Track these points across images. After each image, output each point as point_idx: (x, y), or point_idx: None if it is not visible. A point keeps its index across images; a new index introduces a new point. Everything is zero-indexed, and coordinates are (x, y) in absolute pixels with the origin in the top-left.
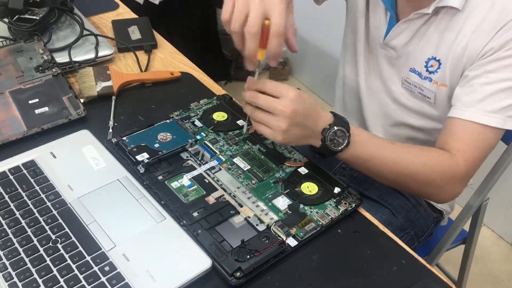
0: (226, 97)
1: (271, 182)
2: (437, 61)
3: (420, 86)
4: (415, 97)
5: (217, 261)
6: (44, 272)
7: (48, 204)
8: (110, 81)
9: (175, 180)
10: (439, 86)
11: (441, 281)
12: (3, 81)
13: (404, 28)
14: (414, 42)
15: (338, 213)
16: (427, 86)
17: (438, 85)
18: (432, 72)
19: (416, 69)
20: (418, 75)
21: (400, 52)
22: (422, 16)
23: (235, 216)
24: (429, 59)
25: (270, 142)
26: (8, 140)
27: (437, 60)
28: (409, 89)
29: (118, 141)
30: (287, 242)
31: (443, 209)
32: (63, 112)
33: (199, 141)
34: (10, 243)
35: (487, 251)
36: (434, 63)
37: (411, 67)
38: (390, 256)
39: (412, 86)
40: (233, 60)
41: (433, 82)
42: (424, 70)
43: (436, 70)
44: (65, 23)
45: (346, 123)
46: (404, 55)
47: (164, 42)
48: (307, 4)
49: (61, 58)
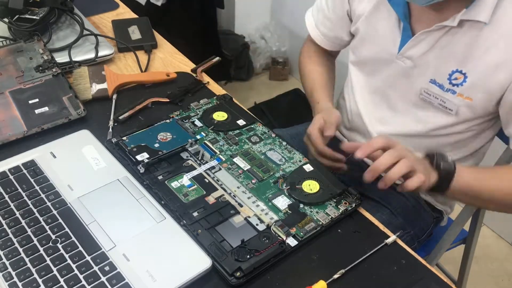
0: (226, 97)
1: (271, 182)
2: (462, 74)
3: (442, 98)
4: (433, 107)
5: (217, 261)
6: (44, 272)
7: (48, 204)
8: (105, 84)
9: (175, 180)
10: (464, 98)
11: (441, 281)
12: (3, 81)
13: (422, 39)
14: (434, 52)
15: (338, 213)
16: (450, 98)
17: (463, 98)
18: (456, 85)
19: (437, 81)
20: (439, 86)
21: (416, 62)
22: (443, 27)
23: (235, 216)
24: (453, 72)
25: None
26: (8, 140)
27: (462, 73)
28: (428, 100)
29: (118, 141)
30: (287, 242)
31: (443, 209)
32: (63, 112)
33: (199, 141)
34: (10, 243)
35: (487, 251)
36: (459, 76)
37: (431, 78)
38: (390, 256)
39: (432, 97)
40: (233, 60)
41: (457, 95)
42: (446, 82)
43: (462, 83)
44: (65, 23)
45: (443, 155)
46: (421, 65)
47: (164, 42)
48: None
49: (61, 58)
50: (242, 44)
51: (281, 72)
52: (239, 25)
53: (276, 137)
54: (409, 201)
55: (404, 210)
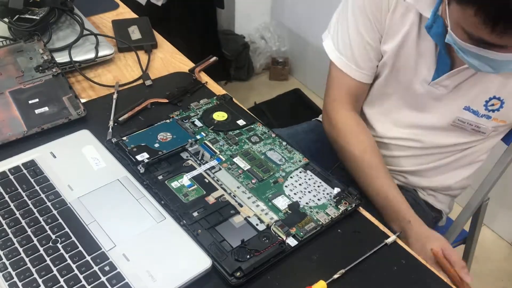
0: (226, 97)
1: (271, 182)
2: (499, 100)
3: (476, 124)
4: (465, 132)
5: (217, 261)
6: (44, 272)
7: (48, 204)
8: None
9: (175, 180)
10: (498, 122)
11: (441, 281)
12: (3, 81)
13: (461, 71)
14: (470, 82)
15: (338, 213)
16: (484, 123)
17: (498, 121)
18: (492, 111)
19: (472, 107)
20: (474, 113)
21: (450, 89)
22: None
23: (235, 216)
24: (491, 99)
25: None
26: (8, 140)
27: (500, 99)
28: (461, 126)
29: (118, 141)
30: (287, 242)
31: (441, 208)
32: (63, 112)
33: (199, 141)
34: (10, 243)
35: (487, 251)
36: (496, 102)
37: (466, 106)
38: (390, 256)
39: (466, 124)
40: (233, 60)
41: (493, 119)
42: (482, 108)
43: (498, 109)
44: (65, 23)
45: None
46: (456, 93)
47: (164, 42)
48: (307, 4)
49: (61, 58)
50: (242, 44)
51: (281, 72)
52: (239, 25)
53: (276, 137)
54: (408, 200)
55: None
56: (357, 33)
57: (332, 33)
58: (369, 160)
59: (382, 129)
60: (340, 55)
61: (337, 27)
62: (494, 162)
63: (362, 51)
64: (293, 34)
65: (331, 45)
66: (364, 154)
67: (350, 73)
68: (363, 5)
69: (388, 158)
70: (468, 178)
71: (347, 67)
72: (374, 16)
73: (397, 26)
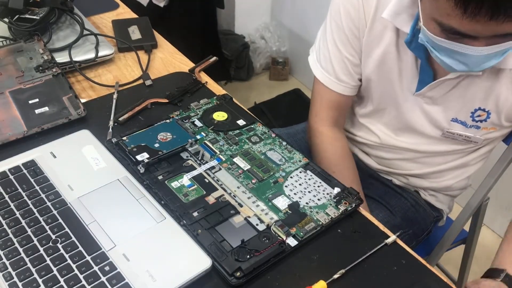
0: (226, 97)
1: (271, 182)
2: (485, 111)
3: (466, 135)
4: (457, 142)
5: (217, 261)
6: (44, 272)
7: (48, 204)
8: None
9: (175, 180)
10: (489, 130)
11: (441, 281)
12: (3, 81)
13: (443, 81)
14: (455, 93)
15: (338, 213)
16: (474, 134)
17: (488, 130)
18: (480, 121)
19: (459, 119)
20: (462, 124)
21: (436, 101)
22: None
23: (235, 216)
24: (476, 110)
25: None
26: (8, 140)
27: (485, 111)
28: (452, 137)
29: (118, 141)
30: (287, 242)
31: (442, 208)
32: (63, 112)
33: (199, 141)
34: (10, 243)
35: (487, 251)
36: (482, 113)
37: (453, 117)
38: (390, 256)
39: (456, 135)
40: (233, 60)
41: (482, 129)
42: (469, 119)
43: (486, 119)
44: (65, 23)
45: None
46: (442, 105)
47: (164, 42)
48: (307, 4)
49: (61, 58)
50: (242, 44)
51: (281, 72)
52: (239, 25)
53: (276, 137)
54: (408, 200)
55: (402, 209)
56: (336, 48)
57: (317, 48)
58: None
59: (384, 137)
60: (322, 69)
61: (320, 42)
62: (494, 162)
63: (341, 65)
64: (293, 34)
65: (314, 59)
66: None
67: (331, 86)
68: (340, 22)
69: (390, 161)
70: (468, 178)
71: (328, 80)
72: (351, 32)
73: (376, 42)
